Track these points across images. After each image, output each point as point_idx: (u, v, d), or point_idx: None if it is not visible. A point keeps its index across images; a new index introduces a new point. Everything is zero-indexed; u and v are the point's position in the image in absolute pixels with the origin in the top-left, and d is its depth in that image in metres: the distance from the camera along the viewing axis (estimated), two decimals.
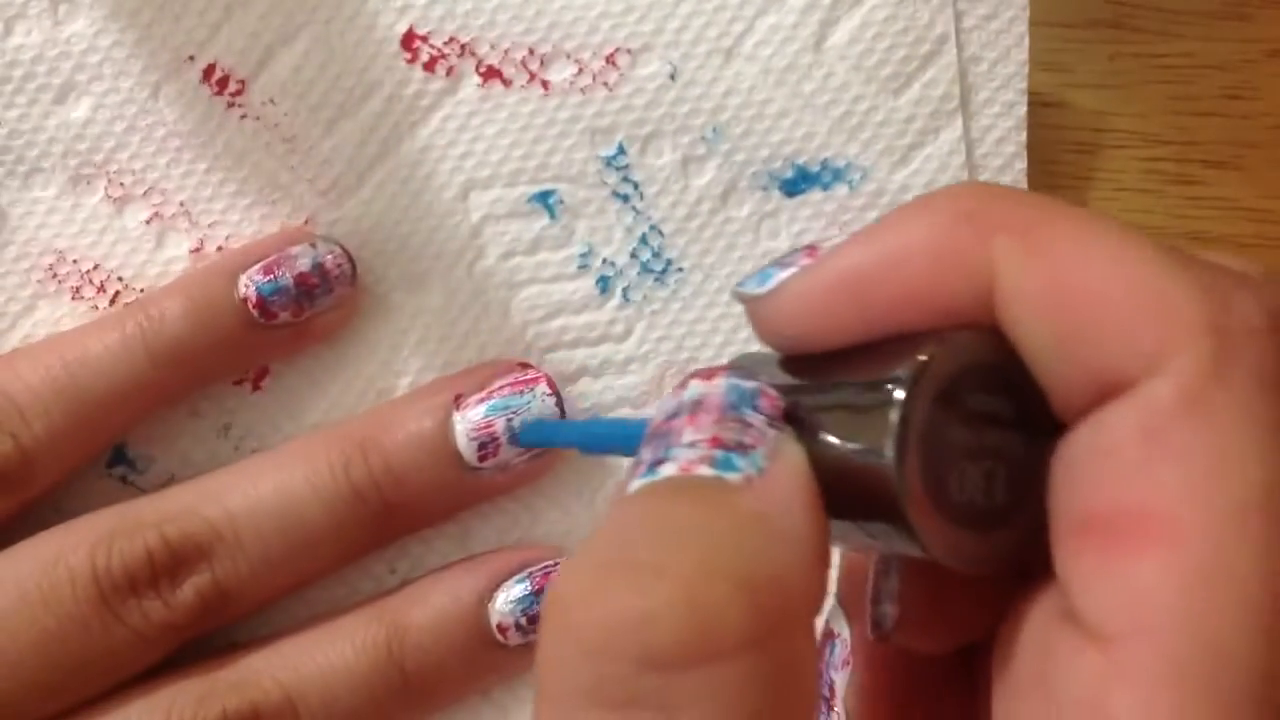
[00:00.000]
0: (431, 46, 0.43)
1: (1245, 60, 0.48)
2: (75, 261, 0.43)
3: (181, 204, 0.43)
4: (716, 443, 0.24)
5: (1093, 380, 0.22)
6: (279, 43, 0.43)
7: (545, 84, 0.43)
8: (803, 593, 0.23)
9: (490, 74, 0.43)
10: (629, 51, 0.43)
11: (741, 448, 0.24)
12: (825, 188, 0.44)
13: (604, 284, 0.44)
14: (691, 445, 0.24)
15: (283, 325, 0.41)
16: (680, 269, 0.44)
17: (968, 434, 0.24)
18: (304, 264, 0.41)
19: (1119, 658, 0.21)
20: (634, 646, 0.21)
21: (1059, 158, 0.47)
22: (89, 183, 0.42)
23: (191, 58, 0.42)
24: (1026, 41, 0.44)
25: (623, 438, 0.30)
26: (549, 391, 0.42)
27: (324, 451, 0.41)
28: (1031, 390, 0.24)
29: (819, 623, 0.25)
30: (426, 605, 0.42)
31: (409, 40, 0.43)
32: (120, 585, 0.38)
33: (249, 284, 0.41)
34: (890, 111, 0.44)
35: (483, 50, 0.43)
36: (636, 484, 0.24)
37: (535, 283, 0.44)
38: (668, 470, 0.24)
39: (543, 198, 0.44)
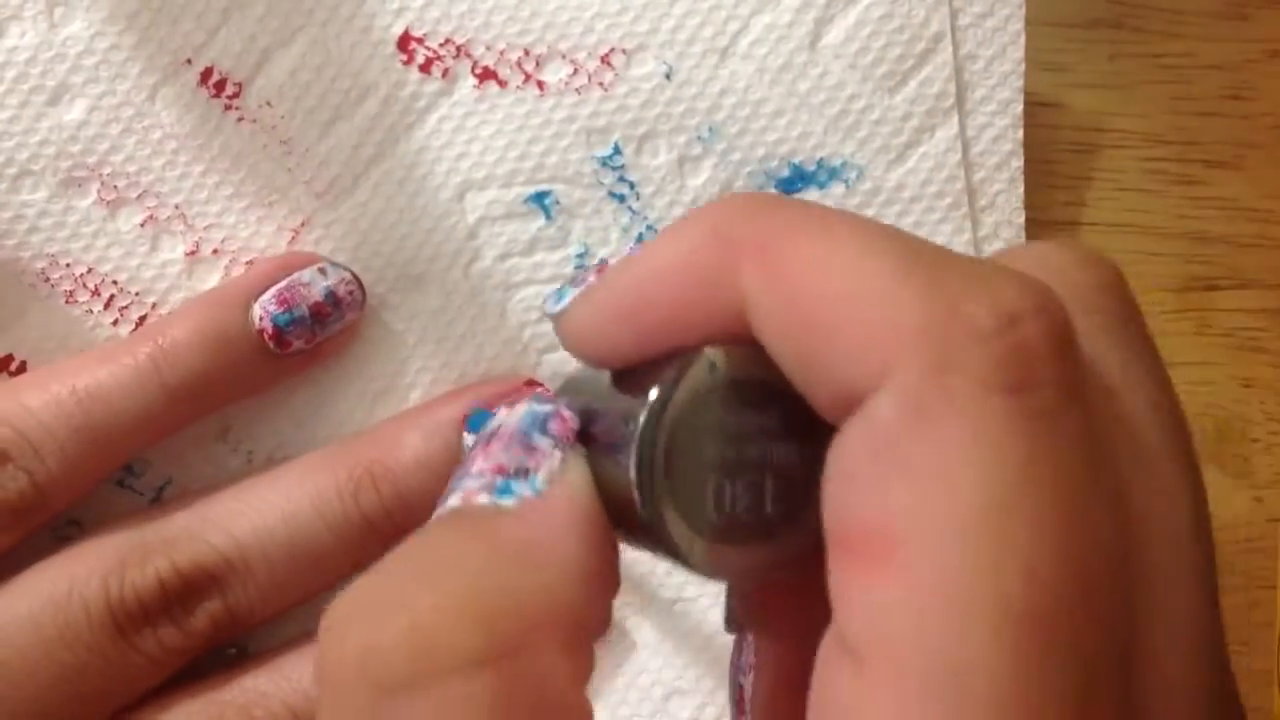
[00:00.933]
0: (427, 48, 0.43)
1: (1245, 60, 0.48)
2: (68, 265, 0.42)
3: (177, 207, 0.43)
4: (499, 470, 0.25)
5: (836, 395, 0.22)
6: (276, 45, 0.43)
7: (541, 85, 0.43)
8: (554, 614, 0.23)
9: (486, 75, 0.43)
10: (624, 52, 0.43)
11: (522, 473, 0.25)
12: (821, 187, 0.44)
13: None
14: (478, 474, 0.25)
15: (296, 352, 0.41)
16: None
17: (728, 450, 0.24)
18: (318, 293, 0.41)
19: (869, 677, 0.21)
20: (364, 676, 0.22)
21: (1059, 157, 0.47)
22: (80, 186, 0.42)
23: (189, 60, 0.42)
24: (1023, 39, 0.44)
25: None
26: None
27: (332, 477, 0.41)
28: (802, 401, 0.23)
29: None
30: None
31: (405, 42, 0.43)
32: (135, 616, 0.38)
33: (264, 315, 0.41)
34: (886, 110, 0.44)
35: (478, 51, 0.43)
36: (434, 516, 0.25)
37: (532, 283, 0.44)
38: (452, 502, 0.25)
39: (539, 198, 0.44)
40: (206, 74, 0.42)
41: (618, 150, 0.43)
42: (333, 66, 0.43)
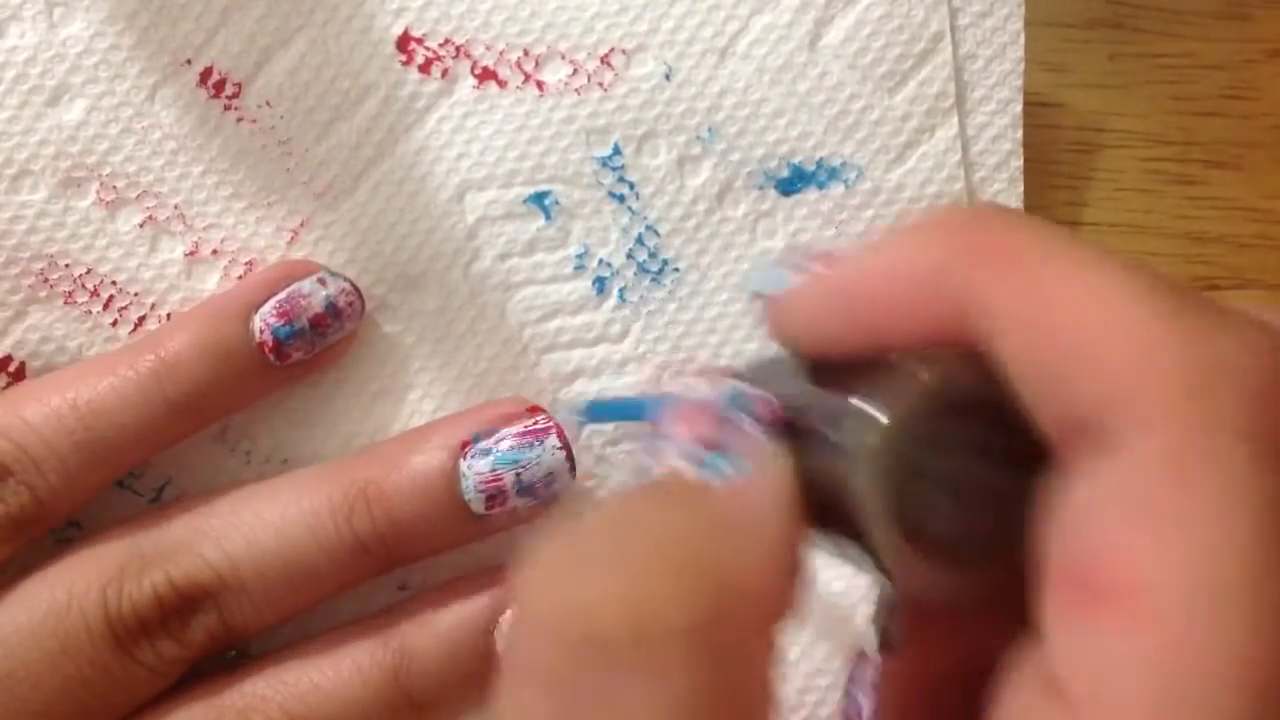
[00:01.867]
0: (427, 48, 0.43)
1: (1245, 60, 0.48)
2: (67, 266, 0.42)
3: (176, 207, 0.43)
4: (706, 444, 0.25)
5: (1075, 422, 0.22)
6: (275, 46, 0.43)
7: (540, 85, 0.43)
8: (755, 596, 0.23)
9: (485, 75, 0.43)
10: (624, 52, 0.43)
11: (729, 451, 0.25)
12: (821, 187, 0.44)
13: (600, 285, 0.44)
14: (683, 445, 0.25)
15: (295, 364, 0.42)
16: (676, 269, 0.44)
17: (949, 465, 0.24)
18: (318, 304, 0.41)
19: None
20: (576, 632, 0.22)
21: (1059, 158, 0.47)
22: (79, 186, 0.42)
23: (188, 61, 0.42)
24: (1022, 39, 0.44)
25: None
26: (559, 445, 0.41)
27: (326, 497, 0.40)
28: (1023, 422, 0.23)
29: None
30: (434, 630, 0.41)
31: (404, 42, 0.43)
32: (133, 629, 0.39)
33: (264, 328, 0.41)
34: (886, 110, 0.44)
35: (478, 52, 0.43)
36: (630, 480, 0.25)
37: (531, 284, 0.44)
38: (657, 468, 0.25)
39: (538, 199, 0.44)
40: (206, 74, 0.42)
41: (617, 150, 0.43)
42: (332, 67, 0.43)
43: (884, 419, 0.23)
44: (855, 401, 0.24)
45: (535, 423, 0.41)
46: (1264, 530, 0.19)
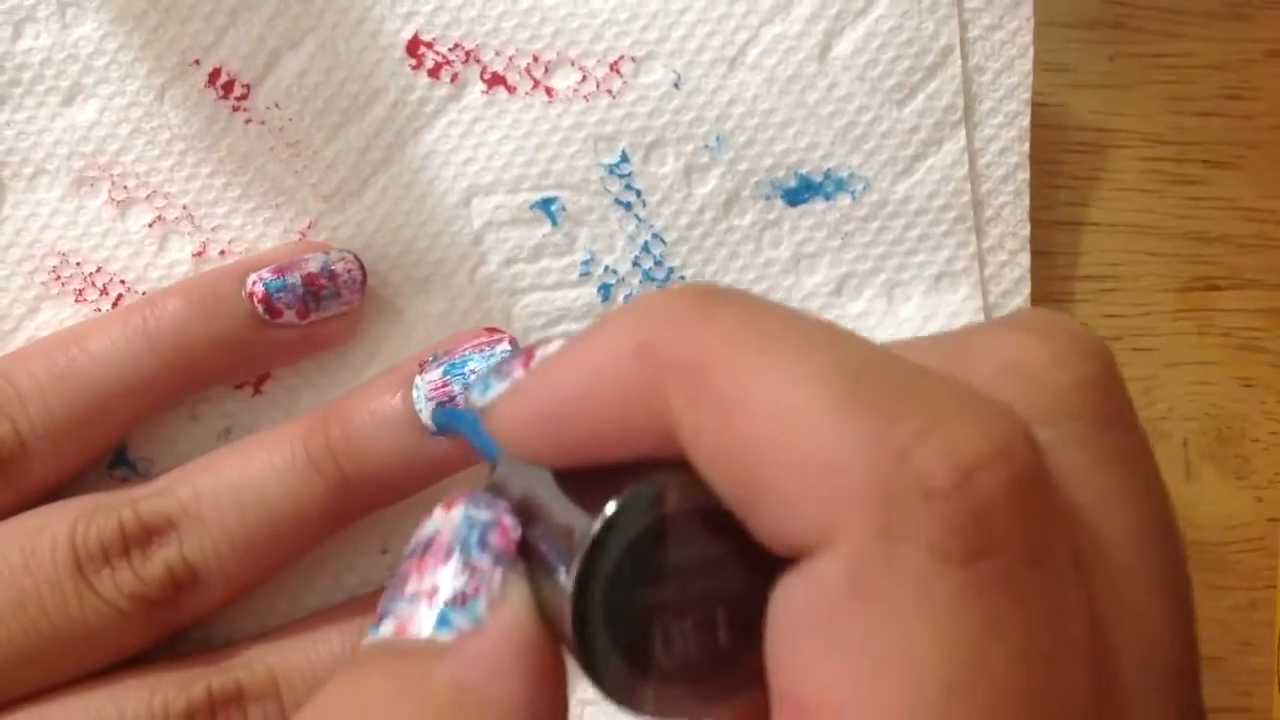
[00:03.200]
0: (436, 53, 0.43)
1: (1245, 60, 0.48)
2: (78, 264, 0.43)
3: (185, 208, 0.43)
4: (436, 594, 0.24)
5: (776, 537, 0.20)
6: (285, 48, 0.43)
7: (549, 91, 0.43)
8: None
9: (495, 81, 0.43)
10: (633, 59, 0.43)
11: (461, 599, 0.23)
12: (828, 198, 0.44)
13: (606, 292, 0.44)
14: (412, 598, 0.24)
15: (287, 326, 0.41)
16: (682, 277, 0.44)
17: (675, 586, 0.22)
18: (313, 266, 0.41)
19: None
20: None
21: (1060, 158, 0.47)
22: (92, 185, 0.43)
23: (197, 62, 0.42)
24: (1031, 52, 0.44)
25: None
26: (509, 348, 0.41)
27: (290, 427, 0.41)
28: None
29: None
30: None
31: (414, 46, 0.43)
32: (95, 555, 0.39)
33: (256, 280, 0.41)
34: (894, 122, 0.44)
35: (487, 57, 0.43)
36: (364, 643, 0.24)
37: (537, 290, 0.44)
38: (386, 629, 0.24)
39: (545, 205, 0.44)
40: (215, 75, 0.42)
41: (625, 158, 0.44)
42: (341, 69, 0.43)
43: (582, 553, 0.22)
44: (576, 508, 0.23)
45: (489, 336, 0.41)
46: (949, 644, 0.19)
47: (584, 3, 0.43)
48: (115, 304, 0.43)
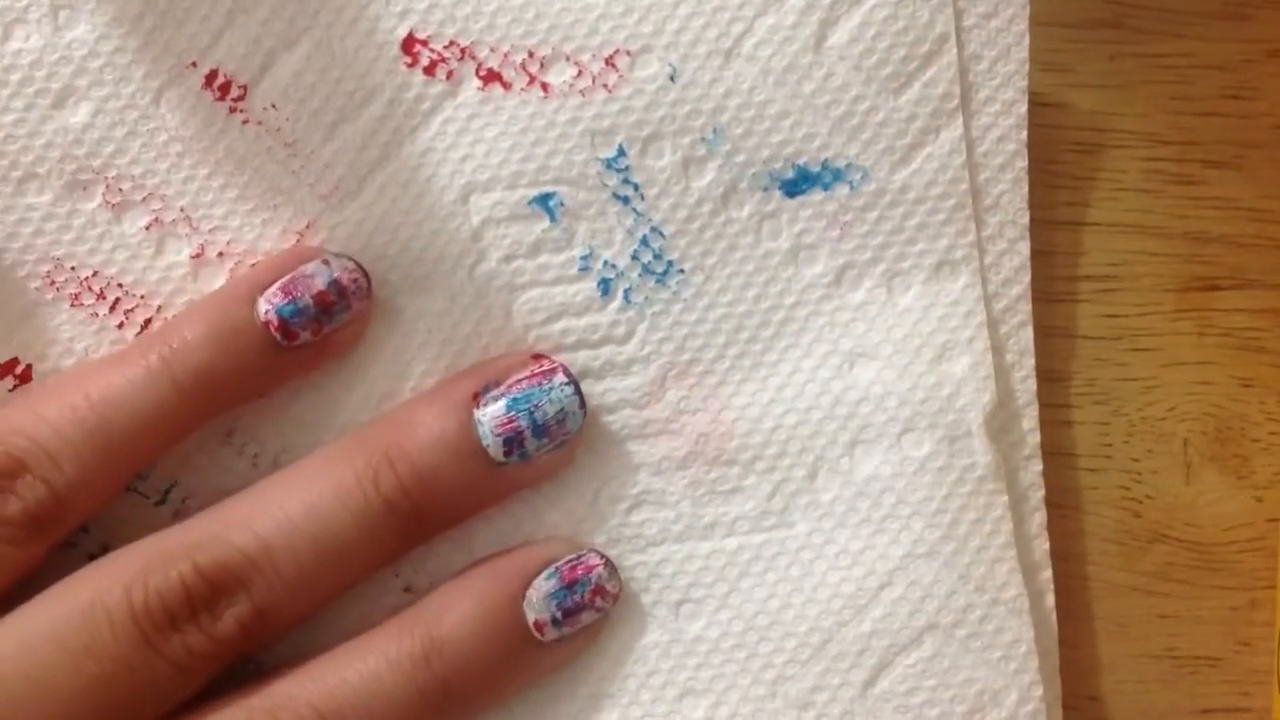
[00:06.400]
0: (431, 50, 0.43)
1: (1245, 60, 0.48)
2: (73, 269, 0.43)
3: (182, 209, 0.43)
4: None
5: None
6: (280, 48, 0.43)
7: (545, 86, 0.43)
8: None
9: (490, 77, 0.43)
10: (628, 53, 0.43)
11: None
12: (826, 188, 0.44)
13: (605, 286, 0.44)
14: None
15: (303, 345, 0.41)
16: (681, 270, 0.44)
17: None
18: (320, 282, 0.41)
19: None
20: None
21: (1059, 158, 0.47)
22: (85, 189, 0.42)
23: (193, 63, 0.42)
24: (1027, 39, 0.44)
25: None
26: (566, 381, 0.42)
27: (349, 465, 0.41)
28: None
29: None
30: (459, 613, 0.41)
31: (409, 44, 0.43)
32: (160, 622, 0.38)
33: (268, 307, 0.41)
34: (891, 111, 0.44)
35: (482, 53, 0.43)
36: None
37: (537, 285, 0.44)
38: None
39: (543, 200, 0.44)
40: (211, 76, 0.43)
41: (622, 152, 0.44)
42: (337, 69, 0.43)
43: None
44: None
45: (540, 365, 0.42)
46: None
47: None
48: (113, 308, 0.43)
